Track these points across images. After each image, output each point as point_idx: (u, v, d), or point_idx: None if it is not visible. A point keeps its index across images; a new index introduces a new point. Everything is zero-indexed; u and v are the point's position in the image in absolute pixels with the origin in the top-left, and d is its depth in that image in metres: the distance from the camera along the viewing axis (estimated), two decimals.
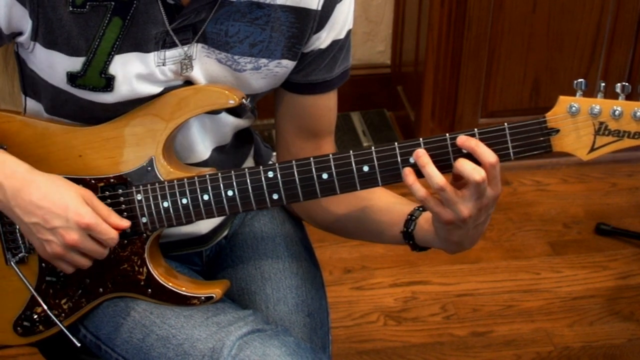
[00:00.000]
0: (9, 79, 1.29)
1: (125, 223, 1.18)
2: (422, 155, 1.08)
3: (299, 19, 1.19)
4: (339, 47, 1.24)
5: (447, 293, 2.29)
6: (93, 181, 1.19)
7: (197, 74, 1.19)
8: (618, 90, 1.06)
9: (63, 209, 1.13)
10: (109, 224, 1.16)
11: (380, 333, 2.17)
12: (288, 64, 1.22)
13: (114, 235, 1.16)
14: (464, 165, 1.07)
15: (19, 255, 1.24)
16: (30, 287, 1.24)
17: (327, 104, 1.30)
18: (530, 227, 2.52)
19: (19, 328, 1.27)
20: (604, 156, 1.08)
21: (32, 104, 1.25)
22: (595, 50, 2.58)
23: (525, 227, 2.52)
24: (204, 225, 1.33)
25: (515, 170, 2.71)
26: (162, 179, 1.18)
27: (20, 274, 1.24)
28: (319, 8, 1.19)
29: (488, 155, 1.06)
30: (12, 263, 1.24)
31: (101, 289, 1.24)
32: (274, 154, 1.43)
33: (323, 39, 1.22)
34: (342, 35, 1.24)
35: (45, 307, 1.25)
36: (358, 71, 2.92)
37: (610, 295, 2.29)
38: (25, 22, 1.12)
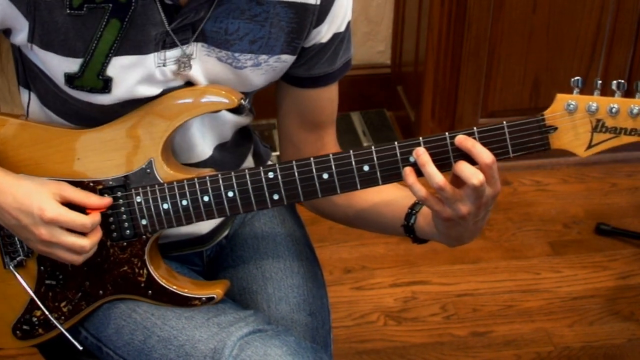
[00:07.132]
0: (6, 78, 1.28)
1: (106, 200, 1.18)
2: (422, 154, 1.08)
3: (297, 14, 1.19)
4: (340, 39, 1.25)
5: (447, 293, 2.29)
6: (92, 184, 1.19)
7: (197, 72, 1.18)
8: (614, 87, 1.06)
9: (28, 206, 1.14)
10: (89, 206, 1.16)
11: (380, 333, 2.17)
12: (287, 59, 1.22)
13: (85, 221, 1.15)
14: (463, 169, 1.07)
15: (17, 259, 1.24)
16: (30, 291, 1.24)
17: (329, 95, 1.30)
18: (530, 227, 2.52)
19: (18, 332, 1.27)
20: (604, 156, 1.09)
21: (33, 98, 1.25)
22: (595, 50, 2.58)
23: (525, 227, 2.52)
24: (205, 226, 1.33)
25: (515, 170, 2.71)
26: (161, 181, 1.18)
27: (18, 277, 1.24)
28: (318, 3, 1.19)
29: (484, 155, 1.06)
30: (10, 267, 1.24)
31: (101, 292, 1.24)
32: (274, 154, 1.43)
33: (324, 33, 1.22)
34: (342, 28, 1.24)
35: (45, 311, 1.24)
36: (358, 71, 2.92)
37: (610, 295, 2.29)
38: (19, 22, 1.12)
